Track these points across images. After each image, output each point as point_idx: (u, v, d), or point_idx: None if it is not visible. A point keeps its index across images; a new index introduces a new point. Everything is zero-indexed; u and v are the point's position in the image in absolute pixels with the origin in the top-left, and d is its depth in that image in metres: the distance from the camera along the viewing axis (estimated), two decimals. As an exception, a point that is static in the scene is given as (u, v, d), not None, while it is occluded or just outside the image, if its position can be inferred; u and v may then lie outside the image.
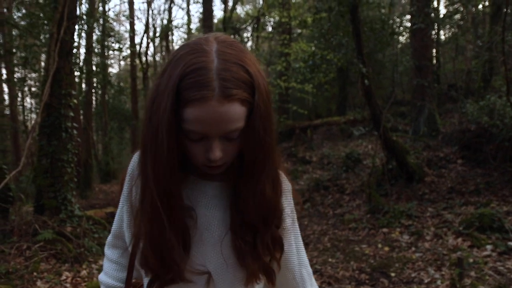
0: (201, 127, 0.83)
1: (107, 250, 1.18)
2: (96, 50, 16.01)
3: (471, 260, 4.55)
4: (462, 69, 13.47)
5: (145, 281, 1.01)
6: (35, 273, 4.50)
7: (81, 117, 13.87)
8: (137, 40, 20.14)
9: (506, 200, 6.37)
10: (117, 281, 1.13)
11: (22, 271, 4.43)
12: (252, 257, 0.94)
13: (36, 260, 4.75)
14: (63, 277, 4.50)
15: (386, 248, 5.38)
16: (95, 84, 17.46)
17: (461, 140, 8.49)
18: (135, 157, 1.06)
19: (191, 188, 0.98)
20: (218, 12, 50.56)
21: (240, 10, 20.14)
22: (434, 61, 13.56)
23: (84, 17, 12.44)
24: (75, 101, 6.32)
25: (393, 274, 4.60)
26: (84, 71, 13.71)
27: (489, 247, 5.00)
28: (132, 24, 19.76)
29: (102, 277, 1.16)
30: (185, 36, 21.89)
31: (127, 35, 21.73)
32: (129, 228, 1.04)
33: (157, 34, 20.91)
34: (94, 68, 15.56)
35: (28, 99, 20.38)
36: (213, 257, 0.96)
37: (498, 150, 7.40)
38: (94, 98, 18.59)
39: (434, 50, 13.37)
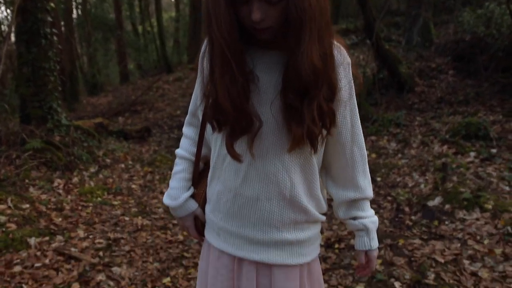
0: None
1: (184, 129, 1.33)
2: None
3: (454, 166, 4.68)
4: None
5: (213, 144, 1.16)
6: (26, 180, 4.54)
7: (62, 26, 13.19)
8: None
9: (494, 110, 6.41)
10: (190, 154, 1.27)
11: (13, 178, 4.46)
12: (297, 122, 1.00)
13: (27, 168, 4.77)
14: (55, 184, 4.56)
15: (374, 155, 5.49)
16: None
17: (454, 51, 8.33)
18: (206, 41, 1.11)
19: (251, 55, 1.04)
20: None
21: None
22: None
23: None
24: (52, 4, 5.92)
25: (379, 179, 4.74)
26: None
27: (472, 154, 5.11)
28: None
29: (178, 150, 1.30)
30: None
31: None
32: (202, 99, 1.13)
33: None
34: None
35: (3, 8, 19.18)
36: (264, 115, 1.04)
37: (491, 60, 7.29)
38: (74, 5, 17.55)
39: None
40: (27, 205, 3.76)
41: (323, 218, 1.19)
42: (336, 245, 3.28)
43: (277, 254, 1.11)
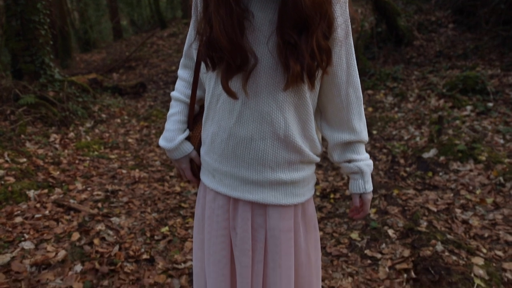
0: None
1: (179, 71, 1.32)
2: None
3: (450, 119, 4.69)
4: None
5: (208, 84, 1.15)
6: (22, 136, 4.53)
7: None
8: None
9: (492, 64, 6.35)
10: (185, 97, 1.27)
11: (9, 134, 4.45)
12: (295, 58, 0.98)
13: (22, 123, 4.74)
14: (51, 139, 4.55)
15: (370, 109, 5.48)
16: None
17: (454, 4, 8.13)
18: None
19: None
20: None
21: None
22: None
23: None
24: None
25: (375, 132, 4.75)
26: None
27: (469, 107, 5.12)
28: None
29: (173, 93, 1.30)
30: None
31: None
32: (196, 38, 1.12)
33: None
34: None
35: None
36: (260, 53, 1.02)
37: (492, 13, 7.13)
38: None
39: None
40: (24, 159, 3.77)
41: (318, 159, 1.20)
42: (332, 195, 3.34)
43: (271, 194, 1.12)
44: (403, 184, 3.55)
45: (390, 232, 2.70)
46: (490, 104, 5.08)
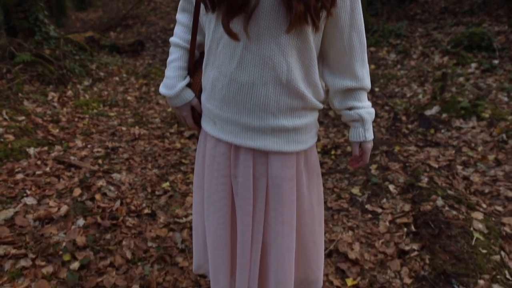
0: None
1: (178, 15, 1.27)
2: None
3: (454, 76, 4.61)
4: None
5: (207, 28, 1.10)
6: (20, 94, 4.47)
7: None
8: None
9: (500, 20, 6.18)
10: (185, 42, 1.22)
11: (6, 92, 4.38)
12: None
13: (19, 81, 4.66)
14: (50, 97, 4.49)
15: (372, 66, 5.39)
16: None
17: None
18: None
19: None
20: None
21: None
22: None
23: None
24: None
25: (377, 89, 4.69)
26: None
27: (473, 65, 5.02)
28: None
29: (172, 38, 1.25)
30: None
31: None
32: None
33: None
34: None
35: None
36: None
37: (501, -34, 6.87)
38: None
39: None
40: (23, 117, 3.73)
41: (321, 105, 1.16)
42: (333, 152, 3.33)
43: (273, 141, 1.09)
44: (405, 141, 3.53)
45: (391, 187, 2.70)
46: (496, 61, 4.98)
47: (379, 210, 2.48)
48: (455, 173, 2.92)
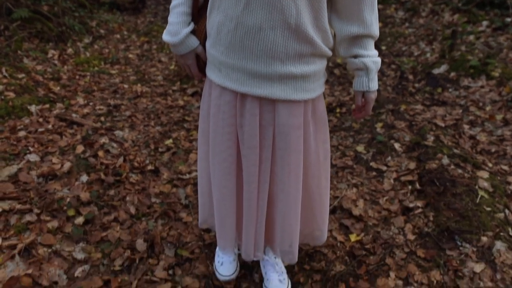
0: None
1: None
2: None
3: (464, 34, 4.48)
4: None
5: None
6: (19, 52, 4.38)
7: None
8: None
9: (513, -24, 5.93)
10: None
11: (5, 49, 4.30)
12: None
13: (17, 39, 4.56)
14: (50, 55, 4.41)
15: (380, 24, 5.23)
16: None
17: None
18: None
19: None
20: None
21: None
22: None
23: None
24: None
25: (383, 48, 4.57)
26: None
27: (485, 23, 4.86)
28: None
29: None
30: None
31: None
32: None
33: None
34: None
35: None
36: None
37: None
38: None
39: None
40: (23, 75, 3.67)
41: (330, 53, 1.11)
42: (338, 110, 3.28)
43: (281, 88, 1.05)
44: (411, 100, 3.47)
45: (397, 145, 2.67)
46: (508, 19, 4.82)
47: (384, 168, 2.46)
48: (462, 132, 2.88)
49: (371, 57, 1.12)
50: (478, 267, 1.71)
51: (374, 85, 1.14)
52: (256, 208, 1.17)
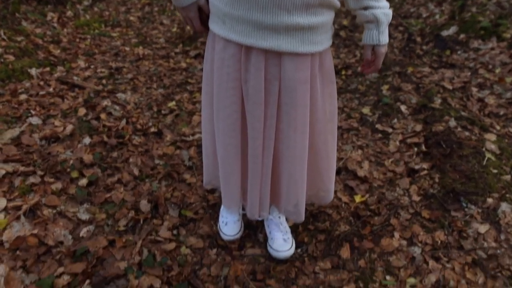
0: None
1: None
2: None
3: (475, -6, 4.33)
4: None
5: None
6: (17, 14, 4.29)
7: None
8: None
9: None
10: None
11: (2, 12, 4.20)
12: None
13: (15, 1, 4.45)
14: (49, 18, 4.31)
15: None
16: None
17: None
18: None
19: None
20: None
21: None
22: None
23: None
24: None
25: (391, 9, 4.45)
26: None
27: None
28: None
29: None
30: None
31: None
32: None
33: None
34: None
35: None
36: None
37: None
38: None
39: None
40: (22, 38, 3.60)
41: (338, 4, 1.06)
42: (343, 72, 3.22)
43: (287, 40, 1.00)
44: (419, 62, 3.39)
45: (403, 108, 2.63)
46: (521, -22, 4.64)
47: (390, 130, 2.42)
48: (470, 95, 2.82)
49: (382, 9, 1.07)
50: (483, 228, 1.70)
51: (385, 38, 1.09)
52: (261, 166, 1.15)
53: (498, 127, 2.45)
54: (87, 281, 1.39)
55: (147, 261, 1.50)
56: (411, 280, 1.48)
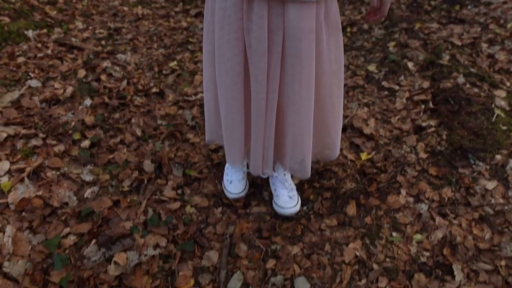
0: None
1: None
2: None
3: None
4: None
5: None
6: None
7: None
8: None
9: None
10: None
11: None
12: None
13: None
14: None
15: None
16: None
17: None
18: None
19: None
20: None
21: None
22: None
23: None
24: None
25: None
26: None
27: None
28: None
29: None
30: None
31: None
32: None
33: None
34: None
35: None
36: None
37: None
38: None
39: None
40: (17, -1, 3.50)
41: None
42: (348, 29, 3.12)
43: None
44: (427, 18, 3.27)
45: (410, 64, 2.56)
46: None
47: (396, 87, 2.37)
48: (479, 51, 2.74)
49: None
50: (491, 185, 1.68)
51: None
52: (264, 119, 1.11)
53: (508, 84, 2.39)
54: (93, 241, 1.39)
55: (152, 221, 1.49)
56: (418, 236, 1.47)
